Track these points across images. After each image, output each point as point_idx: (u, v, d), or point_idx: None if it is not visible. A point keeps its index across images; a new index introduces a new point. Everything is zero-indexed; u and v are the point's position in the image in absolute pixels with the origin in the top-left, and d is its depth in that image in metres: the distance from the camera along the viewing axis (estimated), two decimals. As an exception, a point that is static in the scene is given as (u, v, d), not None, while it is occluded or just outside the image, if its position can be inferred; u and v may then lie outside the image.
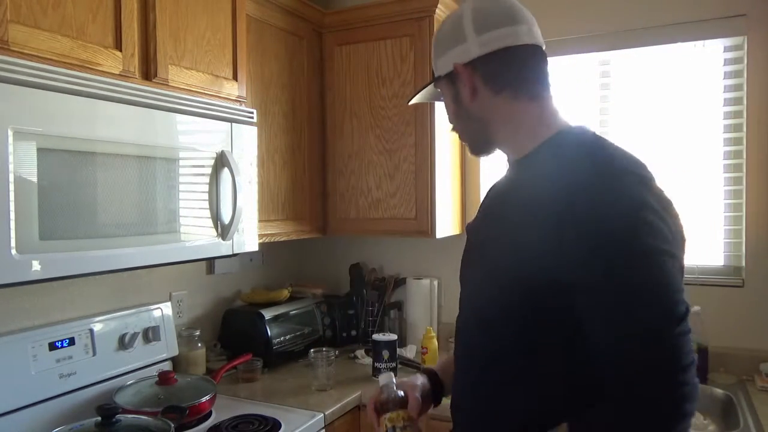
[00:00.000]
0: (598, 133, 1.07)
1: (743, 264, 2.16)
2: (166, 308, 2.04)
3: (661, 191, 0.94)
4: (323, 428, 1.83)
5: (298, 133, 2.35)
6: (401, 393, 1.12)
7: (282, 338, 2.31)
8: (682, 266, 0.91)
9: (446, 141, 2.37)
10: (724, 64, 2.21)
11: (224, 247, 1.76)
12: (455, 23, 1.08)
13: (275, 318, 2.31)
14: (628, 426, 0.83)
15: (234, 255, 1.81)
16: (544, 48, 1.10)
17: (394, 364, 2.15)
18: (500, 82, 1.05)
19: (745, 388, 2.00)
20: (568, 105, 2.46)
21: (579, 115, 2.43)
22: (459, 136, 1.18)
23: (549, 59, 1.10)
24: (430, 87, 1.18)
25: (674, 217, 0.93)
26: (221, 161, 1.73)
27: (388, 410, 1.10)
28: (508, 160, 1.13)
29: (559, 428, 0.92)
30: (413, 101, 1.27)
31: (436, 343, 2.30)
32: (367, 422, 2.01)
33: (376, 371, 2.15)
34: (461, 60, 1.06)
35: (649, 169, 0.96)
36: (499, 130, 1.09)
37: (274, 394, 2.00)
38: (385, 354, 2.14)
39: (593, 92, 2.42)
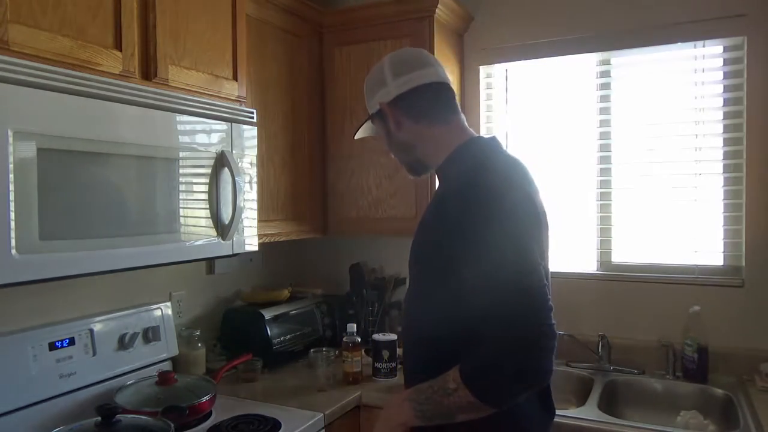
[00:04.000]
0: (498, 141, 1.34)
1: (743, 264, 2.17)
2: (166, 308, 2.04)
3: (529, 183, 1.26)
4: (323, 428, 1.83)
5: (298, 133, 2.35)
6: None
7: (282, 338, 2.31)
8: (540, 243, 1.19)
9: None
10: (724, 65, 2.21)
11: (224, 247, 1.76)
12: (378, 71, 1.36)
13: (275, 318, 2.31)
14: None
15: (234, 255, 1.81)
16: (449, 83, 1.37)
17: (394, 364, 2.15)
18: (417, 113, 1.32)
19: (745, 388, 2.00)
20: (566, 105, 2.46)
21: (578, 115, 2.44)
22: (399, 161, 1.43)
23: (548, 59, 1.27)
24: (369, 123, 1.44)
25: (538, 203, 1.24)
26: (221, 161, 1.73)
27: None
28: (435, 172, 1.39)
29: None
30: (357, 136, 1.52)
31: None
32: (368, 423, 2.02)
33: (377, 371, 2.16)
34: (385, 100, 1.34)
35: (525, 169, 1.29)
36: (424, 150, 1.35)
37: (274, 394, 2.00)
38: (385, 354, 2.14)
39: (592, 93, 2.42)
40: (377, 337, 2.19)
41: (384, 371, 2.15)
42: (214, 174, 1.72)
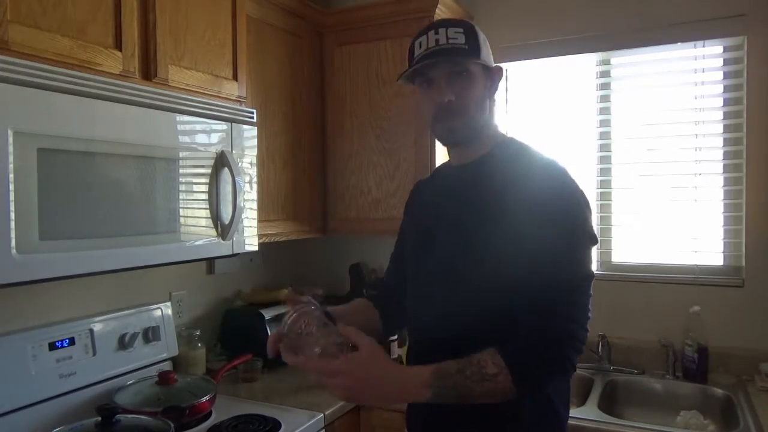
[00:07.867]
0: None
1: (743, 264, 2.16)
2: (166, 308, 2.04)
3: None
4: (323, 428, 1.83)
5: (298, 133, 2.35)
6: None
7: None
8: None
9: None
10: (724, 65, 2.21)
11: (224, 247, 1.76)
12: (484, 38, 1.28)
13: (275, 318, 2.30)
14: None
15: (234, 255, 1.81)
16: None
17: None
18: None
19: (745, 388, 2.00)
20: (566, 105, 2.46)
21: (578, 115, 2.44)
22: (451, 123, 1.26)
23: (548, 59, 1.29)
24: (452, 58, 1.24)
25: None
26: (221, 161, 1.73)
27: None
28: (458, 157, 1.35)
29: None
30: (402, 79, 1.31)
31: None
32: (367, 423, 2.02)
33: None
34: (492, 64, 1.29)
35: None
36: (487, 122, 1.31)
37: (274, 394, 2.00)
38: None
39: (592, 93, 2.42)
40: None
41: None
42: (214, 174, 1.72)
